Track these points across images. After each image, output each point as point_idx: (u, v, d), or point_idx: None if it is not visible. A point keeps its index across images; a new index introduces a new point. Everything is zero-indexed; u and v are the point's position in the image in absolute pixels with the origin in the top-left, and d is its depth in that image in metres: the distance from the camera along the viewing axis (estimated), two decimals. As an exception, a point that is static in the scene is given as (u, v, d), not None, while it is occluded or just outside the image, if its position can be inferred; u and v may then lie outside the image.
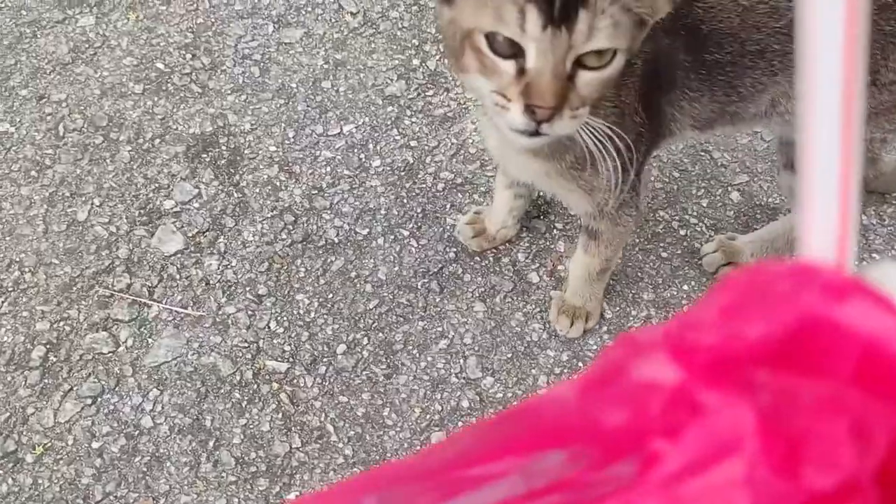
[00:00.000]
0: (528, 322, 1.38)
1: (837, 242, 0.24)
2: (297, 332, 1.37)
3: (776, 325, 0.23)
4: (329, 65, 1.71)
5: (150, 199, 1.50)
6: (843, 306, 0.22)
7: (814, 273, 0.24)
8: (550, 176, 1.06)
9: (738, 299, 0.24)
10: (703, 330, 0.24)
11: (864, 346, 0.22)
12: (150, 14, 1.78)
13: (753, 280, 0.25)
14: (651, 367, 0.24)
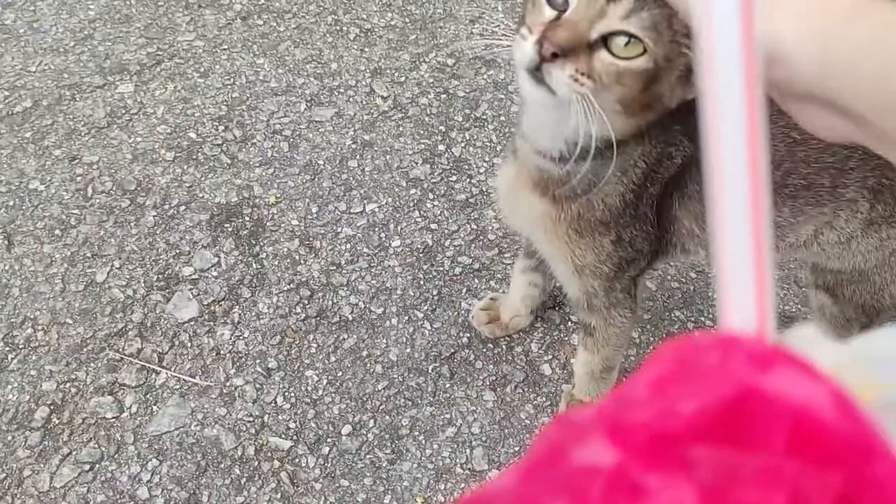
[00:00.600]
0: (538, 415, 1.36)
1: (756, 311, 0.25)
2: (303, 410, 1.35)
3: (708, 399, 0.23)
4: (357, 145, 1.74)
5: (169, 265, 1.52)
6: (770, 376, 0.23)
7: (738, 344, 0.24)
8: (546, 224, 1.03)
9: (669, 373, 0.24)
10: (637, 407, 0.24)
11: (793, 414, 0.22)
12: (188, 85, 1.84)
13: (682, 353, 0.25)
14: (589, 450, 0.24)
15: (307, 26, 2.00)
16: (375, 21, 2.03)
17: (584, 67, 0.75)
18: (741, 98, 0.26)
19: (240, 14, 2.03)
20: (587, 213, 0.99)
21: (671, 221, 1.06)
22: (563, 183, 0.97)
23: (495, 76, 1.89)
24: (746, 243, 0.25)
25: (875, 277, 1.15)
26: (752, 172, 0.25)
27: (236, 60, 1.90)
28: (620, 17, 0.72)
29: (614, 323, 1.16)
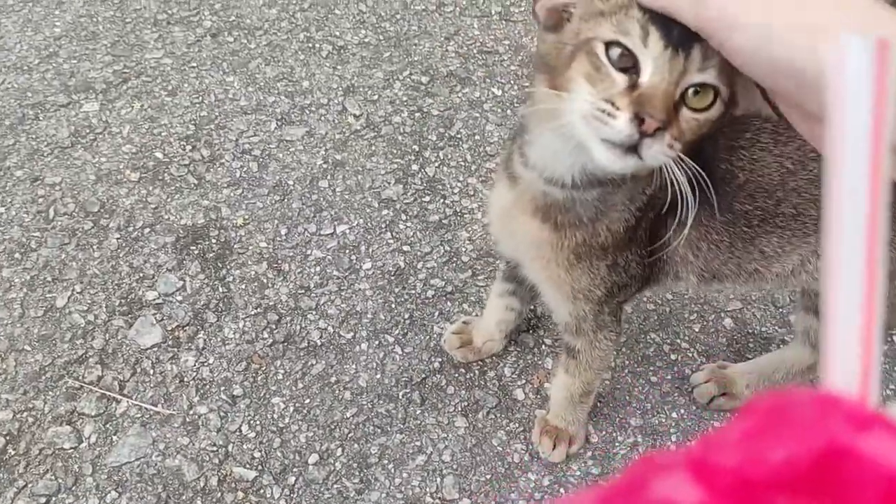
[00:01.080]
0: (511, 441, 1.33)
1: (860, 376, 0.25)
2: (269, 438, 1.31)
3: (798, 452, 0.23)
4: (328, 164, 1.71)
5: (132, 289, 1.48)
6: (867, 437, 0.22)
7: (838, 403, 0.24)
8: (545, 252, 1.00)
9: (762, 424, 0.24)
10: (726, 451, 0.24)
11: (887, 479, 0.22)
12: (155, 104, 1.80)
13: (777, 406, 0.25)
14: (671, 486, 0.24)
15: (278, 43, 1.98)
16: (349, 38, 2.01)
17: (676, 132, 0.72)
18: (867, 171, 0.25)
19: (209, 31, 1.99)
20: (591, 239, 0.97)
21: (664, 247, 1.04)
22: (568, 210, 0.95)
23: (470, 94, 1.87)
24: (858, 304, 0.25)
25: None
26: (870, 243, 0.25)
27: (205, 78, 1.87)
28: (697, 68, 0.69)
29: (600, 346, 1.15)
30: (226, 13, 2.05)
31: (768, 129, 0.99)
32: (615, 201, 0.94)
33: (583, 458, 1.31)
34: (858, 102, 0.25)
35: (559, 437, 1.29)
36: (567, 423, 1.28)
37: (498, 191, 1.07)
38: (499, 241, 1.17)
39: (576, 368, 1.19)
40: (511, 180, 1.01)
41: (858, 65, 0.25)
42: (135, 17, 2.02)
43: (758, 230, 1.03)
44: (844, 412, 0.23)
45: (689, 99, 0.71)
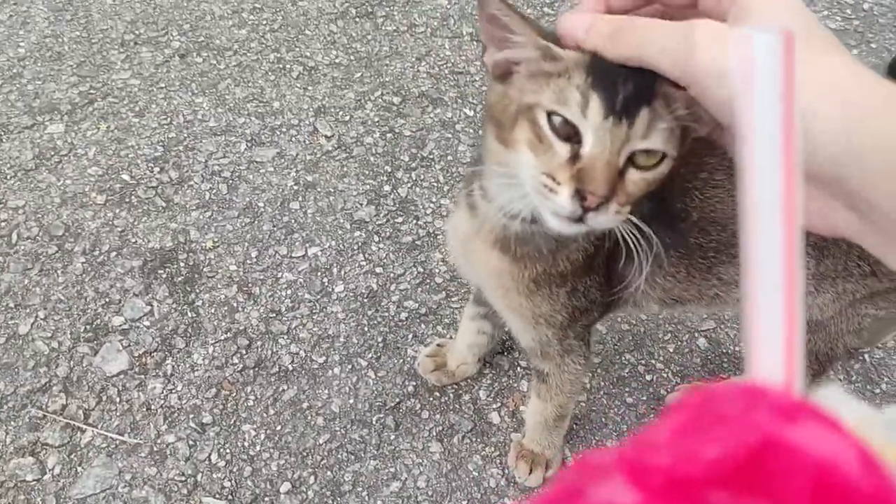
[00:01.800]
0: (487, 466, 1.31)
1: (785, 366, 0.25)
2: (239, 467, 1.28)
3: (730, 447, 0.23)
4: (299, 186, 1.69)
5: (98, 315, 1.44)
6: (794, 428, 0.23)
7: (763, 395, 0.24)
8: (505, 281, 0.99)
9: (692, 420, 0.24)
10: (659, 451, 0.24)
11: (817, 468, 0.22)
12: (122, 125, 1.77)
13: (706, 401, 0.25)
14: (607, 490, 0.24)
15: (248, 64, 1.96)
16: (319, 59, 1.99)
17: (623, 199, 0.71)
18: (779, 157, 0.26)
19: (178, 52, 1.97)
20: (550, 268, 0.96)
21: (619, 279, 1.04)
22: (527, 242, 0.94)
23: (442, 115, 1.86)
24: (778, 297, 0.25)
25: (831, 327, 1.15)
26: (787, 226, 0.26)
27: (174, 99, 1.84)
28: (641, 135, 0.67)
29: (568, 370, 1.13)
30: (194, 33, 2.03)
31: (724, 168, 0.99)
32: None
33: (559, 481, 1.30)
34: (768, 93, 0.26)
35: (535, 462, 1.27)
36: (543, 448, 1.27)
37: (458, 217, 1.06)
38: (459, 267, 1.16)
39: (547, 392, 1.18)
40: (471, 209, 0.99)
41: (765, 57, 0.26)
42: (101, 37, 1.99)
43: (713, 260, 1.03)
44: (771, 404, 0.24)
45: (636, 158, 0.69)
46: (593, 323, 1.10)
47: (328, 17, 2.11)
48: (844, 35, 2.15)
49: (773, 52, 0.26)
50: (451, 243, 1.12)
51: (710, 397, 0.25)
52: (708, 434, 0.23)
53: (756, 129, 0.26)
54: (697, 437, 0.23)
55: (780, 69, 0.26)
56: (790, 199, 0.26)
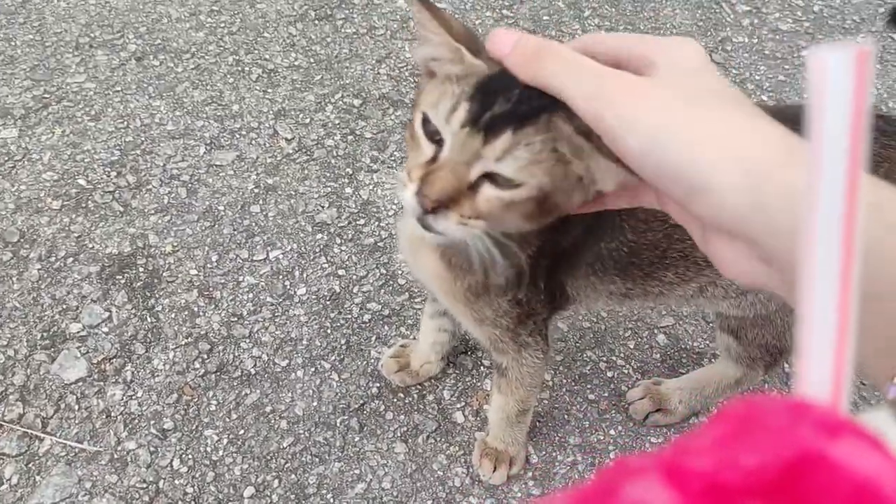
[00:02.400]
0: (452, 466, 1.32)
1: (833, 384, 0.25)
2: (202, 472, 1.27)
3: (770, 458, 0.23)
4: (259, 189, 1.68)
5: (55, 322, 1.42)
6: (837, 444, 0.23)
7: (809, 410, 0.24)
8: (445, 286, 1.01)
9: (733, 430, 0.25)
10: (697, 456, 0.24)
11: (857, 485, 0.22)
12: (78, 129, 1.75)
13: (749, 412, 0.25)
14: (643, 490, 0.24)
15: (206, 67, 1.94)
16: (279, 61, 1.98)
17: (468, 211, 0.71)
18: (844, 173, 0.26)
19: (134, 54, 1.95)
20: (484, 280, 0.98)
21: (561, 289, 1.06)
22: (460, 252, 0.94)
23: (403, 117, 1.87)
24: (832, 314, 0.25)
25: (777, 320, 1.18)
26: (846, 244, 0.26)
27: (130, 103, 1.82)
28: (496, 158, 0.67)
29: (526, 363, 1.14)
30: (151, 36, 2.01)
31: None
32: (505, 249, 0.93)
33: (523, 479, 1.31)
34: (838, 111, 0.26)
35: (499, 459, 1.28)
36: (506, 445, 1.28)
37: (406, 219, 1.06)
38: (409, 267, 1.17)
39: (507, 386, 1.19)
40: None
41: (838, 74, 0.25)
42: (55, 40, 1.96)
43: (649, 270, 1.06)
44: (816, 419, 0.24)
45: (497, 177, 0.69)
46: (545, 321, 1.11)
47: (287, 20, 2.10)
48: (795, 36, 2.20)
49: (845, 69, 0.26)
50: (401, 243, 1.13)
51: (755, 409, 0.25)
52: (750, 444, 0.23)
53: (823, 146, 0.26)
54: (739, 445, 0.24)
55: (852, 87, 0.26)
56: (851, 217, 0.25)
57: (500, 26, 2.10)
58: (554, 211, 0.76)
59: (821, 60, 0.25)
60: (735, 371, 1.31)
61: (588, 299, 1.10)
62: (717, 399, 1.38)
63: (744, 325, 1.21)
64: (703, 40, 2.09)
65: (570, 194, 0.73)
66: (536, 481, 1.31)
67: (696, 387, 1.36)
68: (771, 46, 2.17)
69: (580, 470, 1.33)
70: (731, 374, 1.32)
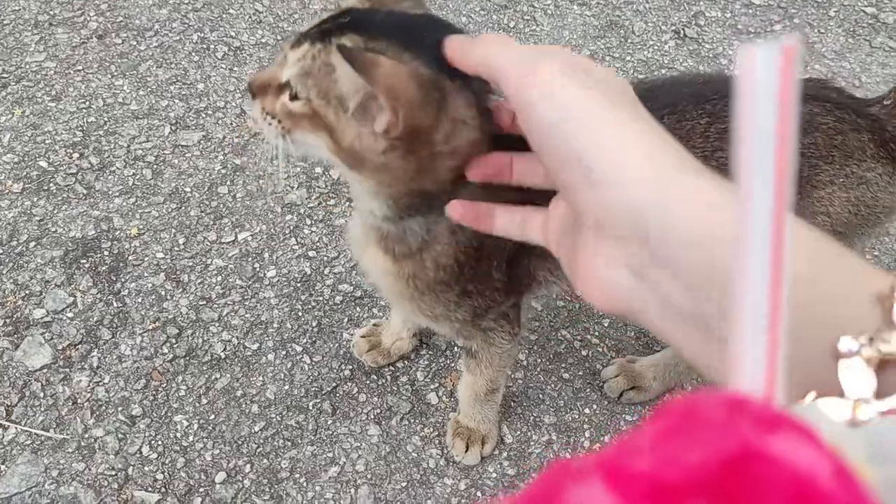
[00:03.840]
0: (426, 447, 1.31)
1: (766, 377, 0.26)
2: (172, 458, 1.25)
3: (710, 454, 0.23)
4: (227, 170, 1.65)
5: (17, 308, 1.38)
6: (775, 438, 0.23)
7: (745, 405, 0.24)
8: (392, 284, 0.98)
9: (673, 426, 0.25)
10: (639, 456, 0.24)
11: (794, 479, 0.22)
12: (38, 110, 1.70)
13: (688, 409, 0.25)
14: (585, 494, 0.24)
15: (171, 45, 1.89)
16: (245, 38, 1.94)
17: (268, 106, 0.79)
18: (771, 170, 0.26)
19: (95, 32, 1.89)
20: (422, 272, 0.94)
21: (526, 273, 1.03)
22: (401, 240, 0.92)
23: (372, 95, 1.84)
24: (763, 306, 0.26)
25: None
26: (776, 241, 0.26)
27: (92, 82, 1.77)
28: (290, 65, 0.75)
29: (495, 344, 1.12)
30: (113, 14, 1.95)
31: None
32: (438, 232, 0.90)
33: (498, 459, 1.31)
34: (764, 106, 0.26)
35: (471, 439, 1.27)
36: (477, 423, 1.27)
37: (353, 219, 1.04)
38: (359, 266, 1.14)
39: (476, 367, 1.17)
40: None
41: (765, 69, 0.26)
42: (13, 18, 1.90)
43: None
44: (753, 414, 0.24)
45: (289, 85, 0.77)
46: (514, 307, 1.09)
47: (253, -4, 2.06)
48: (768, 10, 2.20)
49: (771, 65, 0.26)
50: (350, 244, 1.10)
51: (694, 405, 0.25)
52: (690, 440, 0.24)
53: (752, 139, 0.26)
54: (679, 442, 0.24)
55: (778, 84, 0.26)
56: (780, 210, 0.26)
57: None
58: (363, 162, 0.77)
59: (749, 56, 0.26)
60: None
61: (546, 286, 1.07)
62: (690, 375, 1.38)
63: None
64: (676, 15, 2.07)
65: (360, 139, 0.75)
66: (511, 461, 1.31)
67: (671, 363, 1.36)
68: (744, 21, 2.16)
69: (555, 449, 1.33)
70: None
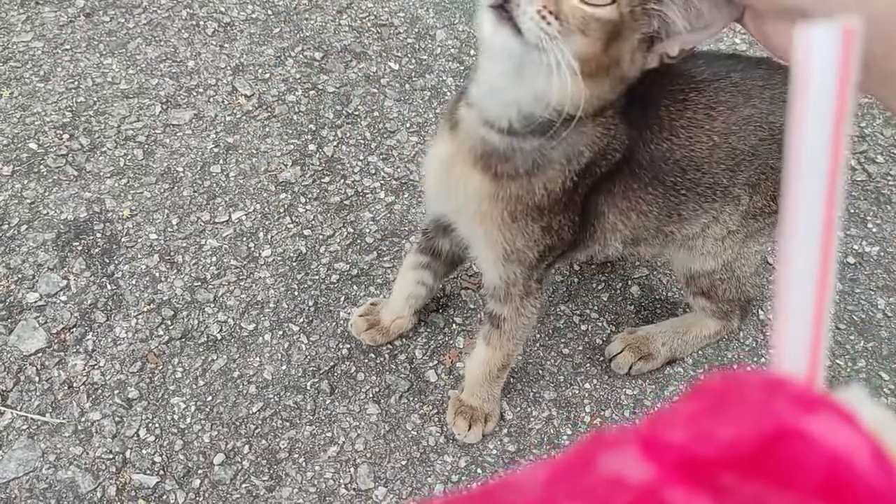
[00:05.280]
0: (425, 425, 1.30)
1: (809, 361, 0.26)
2: (169, 441, 1.24)
3: (746, 430, 0.23)
4: (219, 148, 1.63)
5: (10, 292, 1.37)
6: (812, 418, 0.23)
7: (785, 385, 0.25)
8: (484, 206, 0.99)
9: (711, 403, 0.25)
10: (675, 428, 0.24)
11: (830, 459, 0.22)
12: (26, 91, 1.67)
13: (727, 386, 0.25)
14: (620, 461, 0.24)
15: (159, 22, 1.86)
16: (235, 14, 1.91)
17: (552, 5, 0.73)
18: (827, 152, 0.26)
19: (83, 10, 1.86)
20: (526, 196, 0.97)
21: (597, 216, 1.07)
22: (507, 159, 0.94)
23: (366, 69, 1.81)
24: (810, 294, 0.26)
25: (737, 272, 1.24)
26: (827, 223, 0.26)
27: (81, 62, 1.74)
28: None
29: (525, 313, 1.15)
30: (100, -9, 1.92)
31: (703, 105, 1.03)
32: (552, 157, 0.94)
33: (498, 436, 1.30)
34: (823, 85, 0.26)
35: (474, 417, 1.26)
36: (482, 401, 1.26)
37: (438, 144, 1.06)
38: (433, 199, 1.16)
39: (498, 339, 1.19)
40: (453, 129, 1.00)
41: (825, 49, 0.25)
42: (-2, -3, 1.87)
43: (682, 198, 1.08)
44: (792, 394, 0.24)
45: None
46: (555, 263, 1.12)
47: (243, -29, 2.02)
48: None
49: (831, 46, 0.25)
50: (429, 174, 1.11)
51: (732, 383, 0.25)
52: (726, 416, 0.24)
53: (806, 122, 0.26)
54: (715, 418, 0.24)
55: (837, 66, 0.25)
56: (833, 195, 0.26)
57: (464, -27, 2.03)
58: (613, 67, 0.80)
59: (808, 37, 0.26)
60: (713, 325, 1.33)
61: (606, 234, 1.10)
62: (696, 346, 1.37)
63: (713, 283, 1.25)
64: None
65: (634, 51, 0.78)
66: (512, 437, 1.30)
67: (679, 331, 1.36)
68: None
69: (556, 425, 1.32)
70: (710, 326, 1.34)
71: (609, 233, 1.10)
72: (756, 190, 1.11)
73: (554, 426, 1.32)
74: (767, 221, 1.16)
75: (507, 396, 1.33)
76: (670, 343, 1.36)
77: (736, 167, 1.07)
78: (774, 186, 1.11)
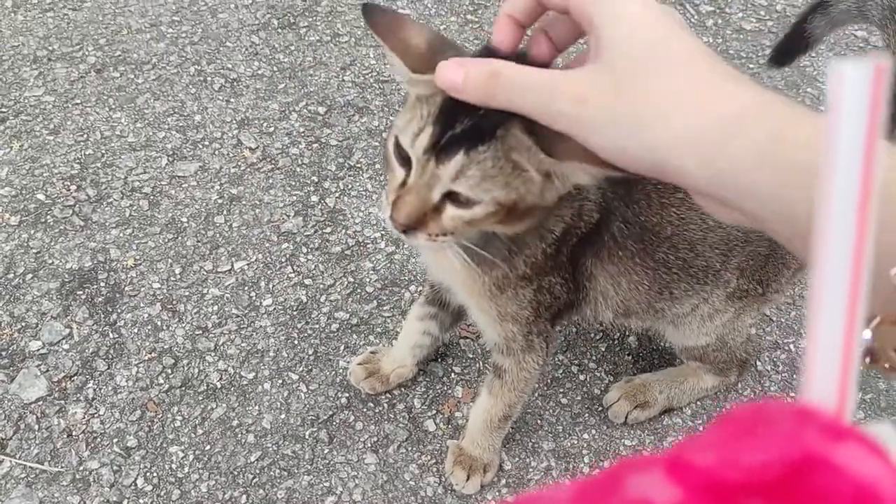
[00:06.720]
0: (423, 475, 1.29)
1: (838, 393, 0.26)
2: (167, 490, 1.24)
3: (773, 457, 0.23)
4: (223, 199, 1.65)
5: (13, 340, 1.38)
6: (840, 448, 0.23)
7: (814, 415, 0.25)
8: (468, 284, 1.02)
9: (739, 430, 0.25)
10: (702, 452, 0.24)
11: (857, 489, 0.22)
12: (36, 143, 1.71)
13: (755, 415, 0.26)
14: (647, 483, 0.24)
15: (168, 77, 1.91)
16: (241, 70, 1.96)
17: (435, 229, 0.75)
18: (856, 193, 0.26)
19: (94, 67, 1.91)
20: (510, 272, 0.99)
21: (588, 278, 1.08)
22: (485, 246, 0.94)
23: (368, 123, 1.85)
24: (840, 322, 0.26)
25: (730, 343, 1.28)
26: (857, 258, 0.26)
27: (90, 115, 1.79)
28: (451, 178, 0.71)
29: (527, 367, 1.16)
30: (111, 48, 1.97)
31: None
32: (525, 240, 0.96)
33: (497, 486, 1.29)
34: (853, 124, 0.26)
35: (473, 467, 1.26)
36: (482, 451, 1.26)
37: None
38: (427, 267, 1.19)
39: (500, 389, 1.19)
40: None
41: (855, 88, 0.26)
42: (12, 54, 1.92)
43: (674, 276, 1.10)
44: (821, 424, 0.24)
45: (457, 196, 0.73)
46: (556, 319, 1.13)
47: (249, 29, 2.08)
48: (759, 36, 2.21)
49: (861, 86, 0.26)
50: (420, 250, 1.16)
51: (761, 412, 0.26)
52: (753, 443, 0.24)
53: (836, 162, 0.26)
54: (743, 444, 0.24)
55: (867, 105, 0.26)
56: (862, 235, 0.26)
57: (465, 31, 2.10)
58: (532, 212, 0.78)
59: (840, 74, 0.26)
60: (710, 379, 1.36)
61: (598, 298, 1.11)
62: (693, 397, 1.38)
63: (706, 353, 1.29)
64: (667, 41, 2.09)
65: (541, 195, 0.75)
66: (510, 488, 1.29)
67: (676, 379, 1.37)
68: (735, 46, 2.18)
69: (554, 476, 1.32)
70: (707, 381, 1.36)
71: (601, 297, 1.11)
72: (743, 273, 1.14)
73: (553, 477, 1.31)
74: (753, 304, 1.20)
75: (506, 446, 1.33)
76: (667, 391, 1.36)
77: (729, 252, 1.10)
78: (760, 272, 1.15)
